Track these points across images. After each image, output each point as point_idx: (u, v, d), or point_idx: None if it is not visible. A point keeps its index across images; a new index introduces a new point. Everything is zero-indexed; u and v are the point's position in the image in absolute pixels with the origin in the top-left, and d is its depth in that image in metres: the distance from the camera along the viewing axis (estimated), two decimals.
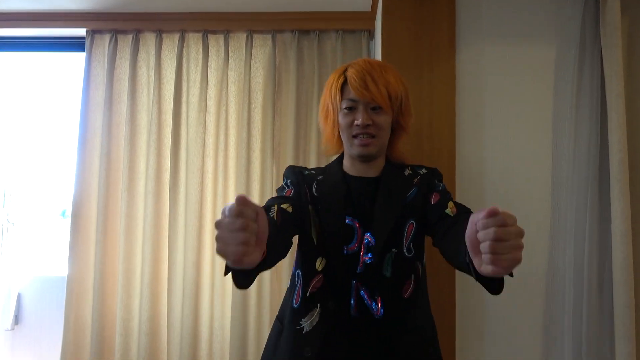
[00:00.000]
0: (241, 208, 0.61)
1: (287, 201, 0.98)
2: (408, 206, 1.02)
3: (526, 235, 1.59)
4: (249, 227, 0.61)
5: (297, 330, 0.99)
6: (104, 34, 1.85)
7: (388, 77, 1.00)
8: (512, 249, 0.59)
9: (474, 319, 1.50)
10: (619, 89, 1.39)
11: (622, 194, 1.37)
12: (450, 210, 0.95)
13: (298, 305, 1.01)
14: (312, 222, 1.01)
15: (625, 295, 1.35)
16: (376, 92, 0.98)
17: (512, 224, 0.60)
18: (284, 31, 1.81)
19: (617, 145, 1.38)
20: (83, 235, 1.80)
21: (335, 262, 0.99)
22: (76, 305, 1.78)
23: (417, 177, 1.07)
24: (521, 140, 1.54)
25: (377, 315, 0.96)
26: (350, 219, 1.01)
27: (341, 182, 1.05)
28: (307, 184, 1.07)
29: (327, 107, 1.07)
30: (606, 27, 1.43)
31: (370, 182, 1.06)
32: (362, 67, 1.01)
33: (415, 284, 1.00)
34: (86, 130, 1.82)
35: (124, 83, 1.84)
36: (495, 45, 1.55)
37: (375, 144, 1.02)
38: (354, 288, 0.98)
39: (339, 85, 1.04)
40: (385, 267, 0.98)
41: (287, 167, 1.13)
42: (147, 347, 1.72)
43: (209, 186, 1.79)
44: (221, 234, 0.61)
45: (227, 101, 1.80)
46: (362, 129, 1.00)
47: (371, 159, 1.06)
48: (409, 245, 1.00)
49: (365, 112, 1.00)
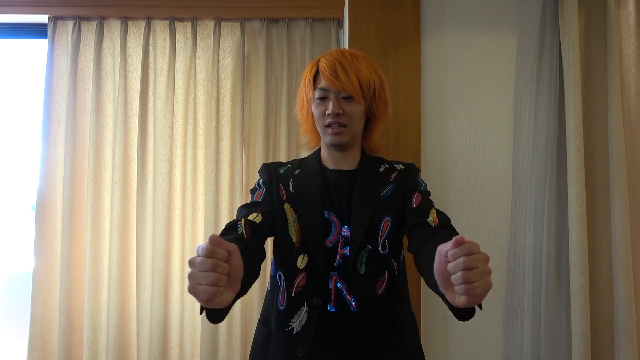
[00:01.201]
0: (213, 248, 0.62)
1: (255, 209, 0.98)
2: (384, 203, 1.02)
3: (488, 218, 1.64)
4: (220, 267, 0.62)
5: (287, 332, 0.98)
6: (67, 21, 1.79)
7: (359, 66, 1.01)
8: (482, 275, 0.61)
9: (438, 299, 1.54)
10: (575, 77, 1.44)
11: (578, 179, 1.42)
12: (432, 220, 0.94)
13: (284, 307, 1.00)
14: (290, 221, 1.01)
15: (580, 276, 1.40)
16: (346, 81, 0.98)
17: (477, 252, 0.62)
18: (253, 19, 1.80)
19: (574, 132, 1.43)
20: (48, 227, 1.76)
21: (317, 257, 0.98)
22: (42, 299, 1.74)
23: (394, 173, 1.07)
24: (484, 127, 1.58)
25: (353, 309, 0.97)
26: (328, 213, 1.01)
27: (318, 176, 1.06)
28: (282, 182, 1.06)
29: (303, 98, 1.08)
30: (564, 17, 1.47)
31: (346, 175, 1.06)
32: (334, 56, 1.02)
33: (389, 281, 1.00)
34: (50, 120, 1.78)
35: (88, 71, 1.79)
36: (459, 32, 1.58)
37: (346, 132, 1.03)
38: (332, 281, 0.99)
39: (311, 76, 1.05)
40: (360, 264, 0.98)
41: (262, 164, 1.13)
42: (116, 340, 1.69)
43: (177, 176, 1.77)
44: (192, 273, 0.62)
45: (195, 90, 1.78)
46: (333, 118, 1.00)
47: (345, 148, 1.06)
48: (384, 242, 1.01)
49: (336, 101, 1.00)
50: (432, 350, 1.55)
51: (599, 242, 1.48)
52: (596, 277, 1.47)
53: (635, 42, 1.50)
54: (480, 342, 1.56)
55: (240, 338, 1.72)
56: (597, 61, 1.51)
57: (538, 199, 1.50)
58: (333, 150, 1.07)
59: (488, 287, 0.62)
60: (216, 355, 1.70)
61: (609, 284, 1.46)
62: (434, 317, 1.55)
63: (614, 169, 1.42)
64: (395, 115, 1.52)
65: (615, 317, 1.42)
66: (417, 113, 1.53)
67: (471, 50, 1.57)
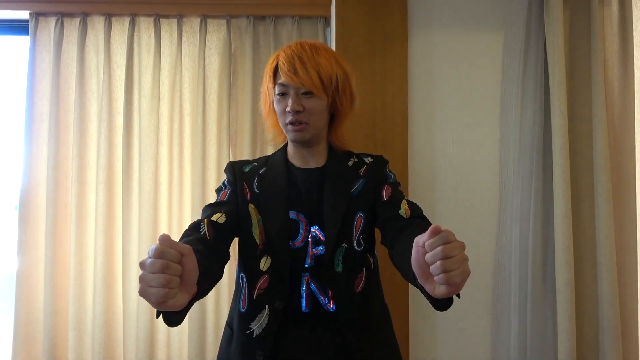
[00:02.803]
0: (162, 249, 0.59)
1: (219, 210, 0.96)
2: (355, 198, 1.00)
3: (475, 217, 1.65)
4: (170, 268, 0.59)
5: (247, 334, 0.96)
6: (49, 17, 1.76)
7: (319, 60, 0.96)
8: (460, 263, 0.61)
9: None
10: (560, 76, 1.45)
11: (563, 177, 1.43)
12: (404, 212, 0.94)
13: (245, 309, 0.98)
14: (254, 222, 0.99)
15: (566, 274, 1.42)
16: (305, 77, 0.94)
17: (454, 240, 0.62)
18: (239, 16, 1.78)
19: (559, 130, 1.44)
20: (32, 227, 1.73)
21: (281, 259, 0.96)
22: (26, 301, 1.71)
23: (364, 167, 1.05)
24: (471, 125, 1.58)
25: (327, 309, 0.96)
26: (295, 214, 0.99)
27: (283, 174, 1.03)
28: (246, 181, 1.03)
29: (265, 94, 1.05)
30: (549, 17, 1.48)
31: (314, 173, 1.03)
32: (293, 50, 0.97)
33: (366, 277, 1.00)
34: (32, 118, 1.74)
35: (71, 69, 1.76)
36: (446, 32, 1.58)
37: (308, 129, 0.99)
38: (304, 283, 0.97)
39: (271, 70, 1.01)
40: (336, 263, 0.97)
41: (228, 163, 1.10)
42: (101, 341, 1.67)
43: (163, 175, 1.75)
44: (142, 275, 0.60)
45: (181, 88, 1.76)
46: (293, 115, 0.97)
47: (310, 144, 1.04)
48: (359, 239, 0.99)
49: (296, 97, 0.97)
50: (420, 347, 1.55)
51: (584, 240, 1.49)
52: (581, 274, 1.49)
53: (618, 41, 1.51)
54: (468, 338, 1.57)
55: None
56: (581, 60, 1.52)
57: (524, 198, 1.50)
58: (299, 146, 1.05)
59: (466, 275, 0.62)
60: (204, 355, 1.69)
61: (593, 281, 1.47)
62: (421, 314, 1.55)
63: (598, 168, 1.44)
64: (382, 114, 1.52)
65: (600, 314, 1.43)
66: (404, 112, 1.53)
67: (458, 50, 1.58)
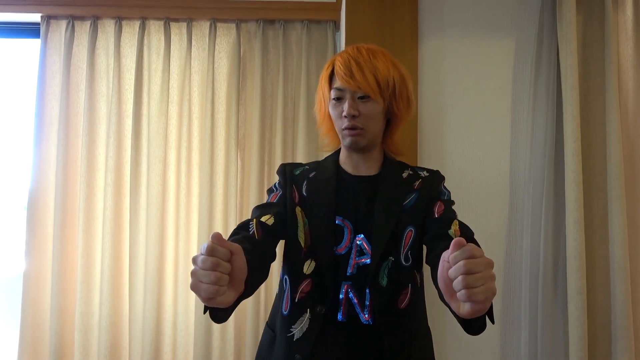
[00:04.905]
0: (214, 246, 0.62)
1: (269, 211, 0.96)
2: (407, 212, 0.97)
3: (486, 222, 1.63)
4: (221, 266, 0.61)
5: (289, 337, 0.95)
6: (60, 20, 1.77)
7: (376, 63, 0.94)
8: (484, 280, 0.58)
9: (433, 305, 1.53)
10: (573, 82, 1.43)
11: (576, 183, 1.41)
12: (453, 232, 0.90)
13: (287, 312, 0.97)
14: (300, 225, 0.98)
15: (578, 281, 1.39)
16: (362, 80, 0.92)
17: (480, 255, 0.59)
18: (249, 20, 1.78)
19: (572, 136, 1.43)
20: (40, 229, 1.73)
21: (324, 264, 0.95)
22: (33, 302, 1.71)
23: (419, 181, 1.02)
24: (481, 131, 1.57)
25: (364, 321, 0.94)
26: (341, 219, 0.97)
27: (332, 179, 1.01)
28: (296, 184, 1.02)
29: (320, 100, 1.04)
30: (562, 21, 1.46)
31: (366, 181, 1.01)
32: (349, 54, 0.96)
33: (411, 294, 0.97)
34: (42, 120, 1.75)
35: (81, 72, 1.77)
36: (457, 37, 1.57)
37: (364, 134, 0.97)
38: (343, 291, 0.95)
39: (327, 75, 1.00)
40: (382, 276, 0.94)
41: (280, 165, 1.09)
42: (108, 344, 1.67)
43: (171, 178, 1.75)
44: (194, 271, 0.62)
45: (190, 91, 1.76)
46: (349, 120, 0.95)
47: (365, 150, 1.01)
48: (407, 254, 0.96)
49: (352, 102, 0.94)
50: None
51: (597, 247, 1.47)
52: (594, 281, 1.46)
53: (633, 46, 1.49)
54: (477, 346, 1.55)
55: (234, 342, 1.70)
56: (595, 65, 1.50)
57: (535, 203, 1.49)
58: (352, 152, 1.03)
59: (491, 294, 0.59)
60: (210, 359, 1.68)
61: (606, 289, 1.45)
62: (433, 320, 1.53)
63: (612, 173, 1.42)
64: None
65: (613, 322, 1.41)
66: (414, 117, 1.52)
67: (469, 54, 1.57)
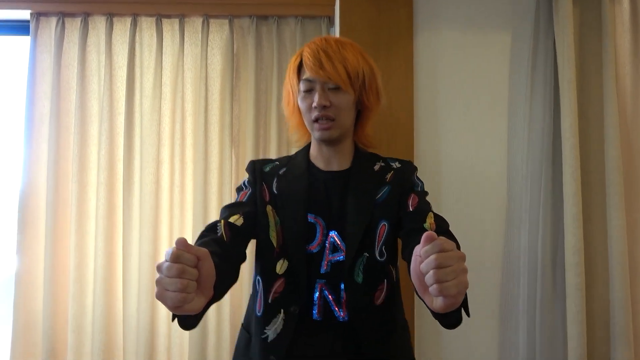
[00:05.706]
0: (179, 253, 0.59)
1: (238, 211, 0.93)
2: (379, 206, 0.95)
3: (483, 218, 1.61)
4: (187, 273, 0.59)
5: (263, 339, 0.94)
6: (50, 17, 1.74)
7: (346, 54, 0.93)
8: (456, 274, 0.57)
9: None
10: (570, 75, 1.41)
11: (574, 178, 1.39)
12: (428, 226, 0.88)
13: (261, 314, 0.95)
14: (272, 224, 0.96)
15: (576, 277, 1.38)
16: (331, 70, 0.91)
17: (451, 249, 0.58)
18: (242, 16, 1.76)
19: (569, 130, 1.41)
20: (31, 228, 1.71)
21: (297, 263, 0.93)
22: (25, 303, 1.69)
23: (390, 173, 1.00)
24: (478, 125, 1.55)
25: (340, 319, 0.92)
26: (313, 217, 0.95)
27: (303, 176, 0.99)
28: (266, 182, 1.00)
29: (288, 92, 1.02)
30: (559, 14, 1.44)
31: (338, 177, 0.99)
32: (318, 44, 0.95)
33: (387, 289, 0.95)
34: (33, 119, 1.72)
35: (72, 69, 1.74)
36: (452, 30, 1.55)
37: (335, 126, 0.95)
38: (317, 289, 0.93)
39: (295, 67, 0.98)
40: (357, 273, 0.92)
41: (249, 162, 1.06)
42: (101, 344, 1.65)
43: (164, 176, 1.72)
44: (159, 279, 0.60)
45: (183, 88, 1.74)
46: (320, 111, 0.93)
47: (336, 143, 1.00)
48: (381, 249, 0.94)
49: (323, 92, 0.93)
50: (426, 354, 1.52)
51: (595, 242, 1.45)
52: (592, 278, 1.45)
53: (630, 39, 1.48)
54: (475, 343, 1.53)
55: (230, 342, 1.68)
56: (592, 58, 1.48)
57: (533, 199, 1.47)
58: (323, 145, 1.01)
59: (463, 287, 0.57)
60: (205, 358, 1.66)
61: (605, 285, 1.43)
62: (427, 321, 1.52)
63: (610, 168, 1.40)
64: (387, 114, 1.48)
65: (612, 319, 1.39)
66: (409, 112, 1.50)
67: (465, 48, 1.55)
